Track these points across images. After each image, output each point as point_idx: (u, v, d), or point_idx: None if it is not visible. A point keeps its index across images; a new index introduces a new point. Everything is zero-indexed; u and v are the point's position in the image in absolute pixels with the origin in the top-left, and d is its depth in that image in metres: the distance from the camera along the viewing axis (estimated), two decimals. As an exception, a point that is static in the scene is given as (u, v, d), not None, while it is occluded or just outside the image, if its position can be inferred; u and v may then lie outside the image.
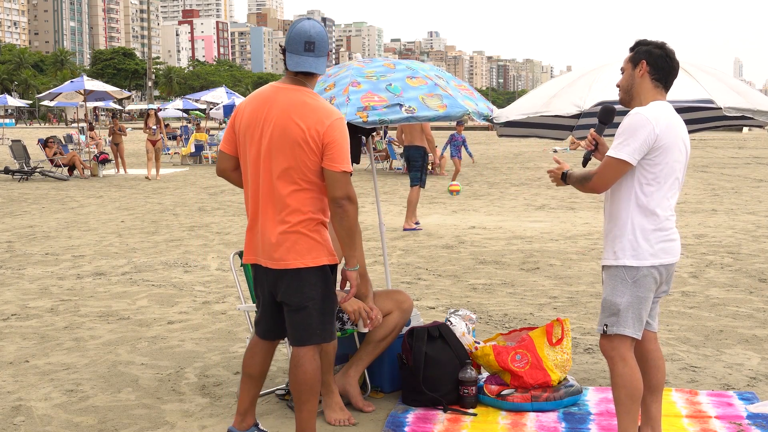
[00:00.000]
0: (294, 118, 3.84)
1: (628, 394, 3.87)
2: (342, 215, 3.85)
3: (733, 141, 43.23)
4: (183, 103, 46.70)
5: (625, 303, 3.87)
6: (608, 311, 3.90)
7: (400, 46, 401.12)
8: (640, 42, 4.01)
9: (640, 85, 3.94)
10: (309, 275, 3.90)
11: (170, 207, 15.49)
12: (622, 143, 3.78)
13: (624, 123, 3.82)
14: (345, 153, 3.84)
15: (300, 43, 3.84)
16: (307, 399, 3.98)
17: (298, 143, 3.83)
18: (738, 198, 16.45)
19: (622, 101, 4.03)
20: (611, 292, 3.90)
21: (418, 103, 4.79)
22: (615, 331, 3.88)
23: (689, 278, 8.53)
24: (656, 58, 3.92)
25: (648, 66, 3.92)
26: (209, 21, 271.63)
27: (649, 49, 3.95)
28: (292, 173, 3.85)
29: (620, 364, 3.88)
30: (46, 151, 23.06)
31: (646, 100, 3.93)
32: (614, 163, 3.81)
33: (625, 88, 3.99)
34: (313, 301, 3.92)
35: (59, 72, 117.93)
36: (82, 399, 5.06)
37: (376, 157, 25.45)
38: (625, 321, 3.87)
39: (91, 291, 8.13)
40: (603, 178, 3.86)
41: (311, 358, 3.96)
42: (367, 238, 10.84)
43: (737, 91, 4.81)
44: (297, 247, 3.88)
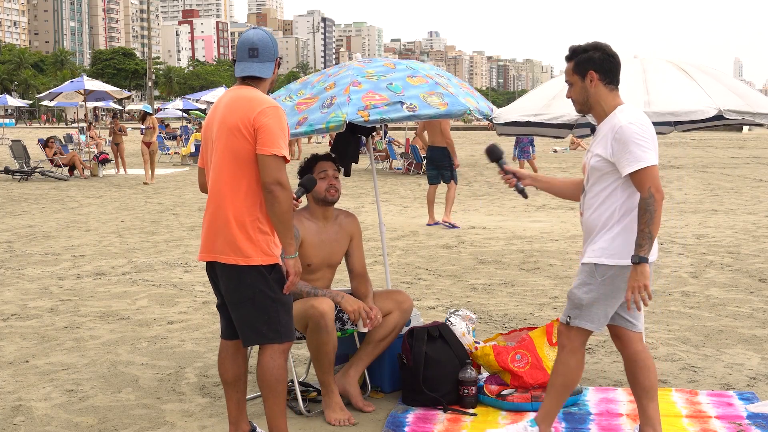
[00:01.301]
0: (231, 111, 3.93)
1: (564, 383, 4.03)
2: (272, 201, 3.83)
3: (733, 141, 43.23)
4: (183, 103, 46.74)
5: (590, 299, 3.91)
6: (572, 304, 3.95)
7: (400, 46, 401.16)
8: (575, 50, 3.98)
9: (597, 95, 3.93)
10: (244, 274, 3.91)
11: (170, 207, 15.49)
12: (645, 150, 3.77)
13: (623, 135, 3.79)
14: (276, 138, 3.83)
15: (245, 50, 4.00)
16: (267, 396, 4.01)
17: (233, 133, 3.89)
18: (738, 198, 16.45)
19: (580, 112, 4.05)
20: (579, 286, 3.93)
21: (419, 101, 4.79)
22: (577, 323, 3.94)
23: (689, 278, 8.53)
24: (601, 63, 3.91)
25: (597, 74, 3.91)
26: (209, 21, 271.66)
27: (590, 56, 3.92)
28: (234, 168, 3.89)
29: (569, 355, 3.99)
30: (46, 151, 23.07)
31: (607, 106, 3.94)
32: (655, 169, 3.79)
33: (581, 101, 3.98)
34: (250, 301, 3.92)
35: (59, 72, 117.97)
36: (82, 399, 5.06)
37: (376, 157, 25.45)
38: (588, 316, 3.93)
39: (91, 291, 8.13)
40: (660, 187, 3.79)
41: (268, 356, 3.97)
42: (367, 238, 10.84)
43: (736, 93, 4.81)
44: (238, 243, 3.89)
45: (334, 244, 4.95)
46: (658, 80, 4.86)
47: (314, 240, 4.85)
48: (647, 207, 3.75)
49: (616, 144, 3.81)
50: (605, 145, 3.87)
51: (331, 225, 4.97)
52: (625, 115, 3.86)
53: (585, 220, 4.01)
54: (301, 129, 4.81)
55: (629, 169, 3.78)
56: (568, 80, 3.99)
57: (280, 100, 5.19)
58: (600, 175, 3.92)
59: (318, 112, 4.83)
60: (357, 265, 5.04)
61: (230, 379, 4.15)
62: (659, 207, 3.77)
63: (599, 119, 3.98)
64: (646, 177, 3.77)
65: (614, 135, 3.82)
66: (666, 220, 13.04)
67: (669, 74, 4.94)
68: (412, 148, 23.06)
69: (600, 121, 3.98)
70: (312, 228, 4.87)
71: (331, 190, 4.88)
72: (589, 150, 4.03)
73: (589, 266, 3.93)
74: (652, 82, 4.84)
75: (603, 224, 3.92)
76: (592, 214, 3.96)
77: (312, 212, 4.93)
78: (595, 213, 3.94)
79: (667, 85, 4.83)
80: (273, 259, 3.93)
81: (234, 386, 4.15)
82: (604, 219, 3.91)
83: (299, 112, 4.92)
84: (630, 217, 3.87)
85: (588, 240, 4.01)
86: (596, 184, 3.94)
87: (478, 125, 62.28)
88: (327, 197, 4.88)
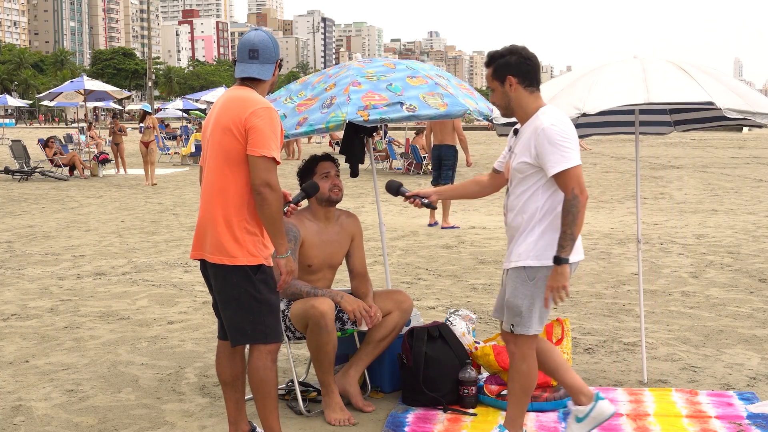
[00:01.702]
0: (224, 111, 3.94)
1: (522, 388, 4.07)
2: (261, 203, 3.83)
3: (733, 141, 43.23)
4: (183, 103, 46.73)
5: (528, 304, 3.95)
6: (514, 312, 3.97)
7: (400, 46, 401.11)
8: (493, 56, 4.03)
9: (517, 98, 3.98)
10: (230, 274, 3.91)
11: (170, 207, 15.49)
12: (568, 150, 3.83)
13: (545, 137, 3.83)
14: (266, 139, 3.82)
15: (245, 51, 4.00)
16: (255, 397, 4.02)
17: (225, 133, 3.90)
18: (738, 198, 16.45)
19: (505, 116, 4.11)
20: (515, 293, 3.96)
21: (419, 101, 4.80)
22: (520, 331, 3.97)
23: (689, 278, 8.53)
24: (518, 67, 3.96)
25: (515, 78, 3.95)
26: (209, 21, 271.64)
27: (505, 60, 3.97)
28: (225, 168, 3.90)
29: (520, 361, 4.02)
30: (47, 151, 23.07)
31: (529, 108, 3.99)
32: (579, 169, 3.85)
33: (504, 106, 4.03)
34: (236, 301, 3.93)
35: (59, 72, 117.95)
36: (82, 399, 5.06)
37: (376, 157, 25.44)
38: (529, 321, 3.96)
39: (91, 291, 8.13)
40: (584, 188, 3.85)
41: (255, 357, 3.98)
42: (367, 238, 10.84)
43: (736, 93, 4.81)
44: (224, 243, 3.89)
45: (335, 244, 4.95)
46: (658, 78, 4.86)
47: (315, 240, 4.85)
48: (570, 208, 3.80)
49: (539, 146, 3.85)
50: (528, 147, 3.91)
51: (333, 225, 4.97)
52: (547, 117, 3.90)
53: (509, 222, 4.06)
54: (302, 129, 4.82)
55: (553, 171, 3.83)
56: (489, 86, 4.06)
57: (281, 101, 5.19)
58: (522, 177, 3.96)
59: (318, 113, 4.83)
60: (357, 265, 5.03)
61: (228, 379, 4.15)
62: (583, 208, 3.82)
63: (522, 122, 4.04)
64: (570, 178, 3.82)
65: (537, 137, 3.86)
66: (666, 220, 13.05)
67: (669, 73, 4.94)
68: (412, 148, 23.05)
69: (523, 124, 4.02)
70: (313, 228, 4.87)
71: (335, 190, 4.88)
72: (512, 150, 4.08)
73: (516, 270, 3.97)
74: (652, 80, 4.84)
75: (525, 226, 3.97)
76: (515, 217, 4.00)
77: (314, 213, 4.92)
78: (519, 215, 3.98)
79: (667, 83, 4.83)
80: (258, 259, 3.92)
81: (232, 386, 4.15)
82: (526, 220, 3.96)
83: (299, 113, 4.92)
84: (552, 216, 3.91)
85: (512, 242, 4.05)
86: (519, 186, 3.98)
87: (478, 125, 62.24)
88: (331, 197, 4.88)
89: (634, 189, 4.36)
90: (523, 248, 3.94)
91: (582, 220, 3.83)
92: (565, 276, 3.82)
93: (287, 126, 4.86)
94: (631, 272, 8.77)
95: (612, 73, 5.01)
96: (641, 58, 5.17)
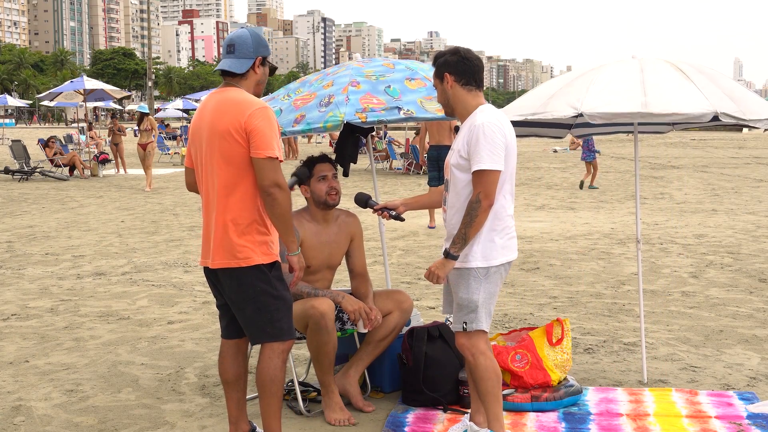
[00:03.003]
0: (220, 116, 3.92)
1: (493, 383, 4.05)
2: (271, 203, 3.85)
3: (733, 141, 43.23)
4: (183, 103, 46.71)
5: (481, 300, 3.99)
6: (466, 309, 4.00)
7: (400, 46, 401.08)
8: (436, 56, 4.12)
9: (455, 96, 4.05)
10: (245, 275, 3.91)
11: (170, 207, 15.49)
12: (491, 153, 3.86)
13: (476, 134, 3.88)
14: (269, 140, 3.84)
15: (224, 47, 4.08)
16: (261, 396, 4.02)
17: (224, 138, 3.89)
18: (738, 198, 16.45)
19: (448, 114, 4.16)
20: (467, 291, 3.99)
21: (416, 106, 4.80)
22: (475, 327, 4.01)
23: (689, 278, 8.53)
24: (455, 65, 4.03)
25: (452, 76, 4.02)
26: (209, 21, 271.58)
27: (445, 59, 4.05)
28: (228, 173, 3.90)
29: (481, 358, 4.04)
30: (47, 151, 23.08)
31: (468, 105, 4.04)
32: (495, 175, 3.88)
33: (444, 103, 4.11)
34: (252, 300, 3.93)
35: (59, 72, 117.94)
36: (82, 399, 5.06)
37: (376, 157, 25.45)
38: (481, 317, 4.01)
39: (91, 291, 8.13)
40: (491, 194, 3.88)
41: (267, 356, 3.98)
42: (367, 238, 10.84)
43: (731, 97, 4.81)
44: (236, 246, 3.90)
45: (334, 245, 4.95)
46: (656, 81, 4.86)
47: (314, 242, 4.85)
48: (471, 209, 3.87)
49: (471, 142, 3.90)
50: (464, 143, 3.95)
51: (332, 226, 4.96)
52: (484, 115, 3.95)
53: (448, 219, 4.07)
54: (299, 127, 4.81)
55: (473, 168, 3.87)
56: (434, 85, 4.14)
57: (279, 99, 5.19)
58: (461, 174, 3.98)
59: (315, 111, 4.83)
60: (357, 266, 5.03)
61: (230, 379, 4.15)
62: (483, 214, 3.87)
63: (462, 119, 4.08)
64: (481, 180, 3.87)
65: (470, 133, 3.92)
66: (666, 220, 13.05)
67: (667, 75, 4.94)
68: (412, 148, 23.06)
69: (463, 121, 4.08)
70: (312, 230, 4.87)
71: (332, 193, 4.86)
72: (452, 148, 4.11)
73: (465, 270, 3.99)
74: (650, 84, 4.84)
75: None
76: (455, 214, 4.02)
77: (312, 214, 4.91)
78: (459, 212, 3.99)
79: (665, 86, 4.84)
80: (273, 257, 3.95)
81: (234, 386, 4.16)
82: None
83: (296, 108, 4.92)
84: (493, 215, 3.94)
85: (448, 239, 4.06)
86: (458, 183, 4.00)
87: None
88: (328, 201, 4.87)
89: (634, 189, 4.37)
90: (469, 249, 3.96)
91: (479, 225, 3.88)
92: (448, 268, 3.93)
93: (284, 122, 4.85)
94: (631, 272, 8.77)
95: (610, 73, 5.02)
96: (640, 59, 5.17)
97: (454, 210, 4.03)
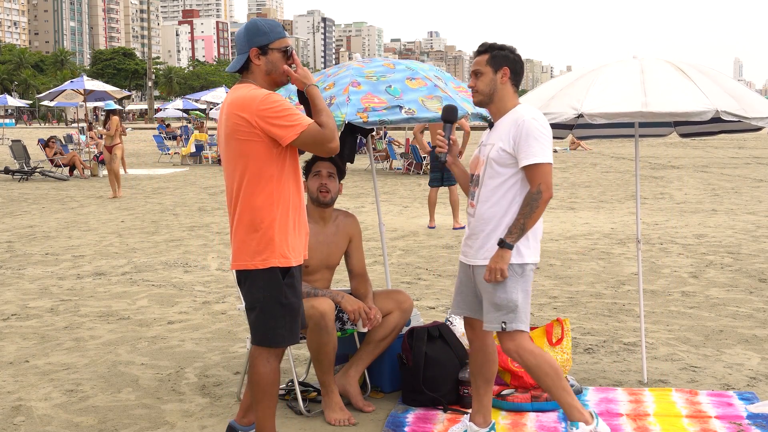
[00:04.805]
0: (228, 117, 3.86)
1: (553, 377, 4.01)
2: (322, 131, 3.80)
3: (733, 141, 43.22)
4: (183, 103, 46.73)
5: (520, 299, 3.99)
6: (505, 309, 3.98)
7: (400, 46, 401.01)
8: (493, 45, 4.08)
9: (503, 90, 4.05)
10: (256, 277, 3.88)
11: (170, 207, 15.50)
12: (543, 146, 3.90)
13: (526, 129, 3.89)
14: (291, 116, 3.75)
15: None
16: (260, 399, 3.98)
17: (236, 138, 3.83)
18: (738, 198, 16.45)
19: (480, 103, 4.11)
20: (504, 290, 3.97)
21: (417, 105, 4.79)
22: (515, 327, 3.99)
23: (689, 278, 8.53)
24: (515, 64, 4.06)
25: (510, 72, 4.04)
26: (209, 21, 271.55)
27: (506, 54, 4.05)
28: (246, 174, 3.84)
29: (531, 357, 4.01)
30: (47, 151, 23.08)
31: (509, 103, 4.05)
32: (550, 168, 3.92)
33: (487, 93, 4.06)
34: (260, 303, 3.90)
35: (59, 72, 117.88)
36: (82, 399, 5.06)
37: (376, 157, 25.45)
38: (521, 316, 4.00)
39: (91, 291, 8.13)
40: (550, 186, 3.92)
41: (264, 359, 3.94)
42: (367, 238, 10.84)
43: (732, 95, 4.81)
44: (245, 248, 3.87)
45: (332, 245, 4.95)
46: (656, 81, 4.87)
47: (312, 241, 4.83)
48: (531, 201, 3.89)
49: (518, 137, 3.91)
50: (507, 137, 3.95)
51: (330, 226, 4.96)
52: (528, 111, 3.98)
53: (479, 213, 4.04)
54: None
55: (525, 162, 3.89)
56: (478, 70, 4.07)
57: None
58: (500, 169, 3.97)
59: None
60: (357, 266, 5.03)
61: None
62: (543, 205, 3.90)
63: (498, 115, 4.08)
64: (539, 173, 3.89)
65: (517, 127, 3.92)
66: (666, 220, 13.05)
67: (667, 75, 4.94)
68: (412, 148, 23.05)
69: (497, 118, 4.08)
70: (309, 229, 4.85)
71: (323, 191, 4.85)
72: (485, 143, 4.10)
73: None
74: (650, 83, 4.84)
75: (501, 219, 3.98)
76: (489, 208, 4.00)
77: (309, 213, 4.90)
78: (494, 207, 3.99)
79: (665, 86, 4.84)
80: (288, 261, 3.89)
81: None
82: (500, 213, 3.98)
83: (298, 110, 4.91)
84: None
85: (480, 235, 4.03)
86: (494, 178, 4.00)
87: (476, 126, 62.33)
88: (319, 198, 4.86)
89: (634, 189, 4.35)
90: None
91: (538, 217, 3.91)
92: (506, 260, 3.91)
93: None
94: (631, 272, 8.77)
95: (610, 74, 5.02)
96: (640, 59, 5.17)
97: (489, 204, 4.00)
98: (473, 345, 4.28)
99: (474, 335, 4.26)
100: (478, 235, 4.06)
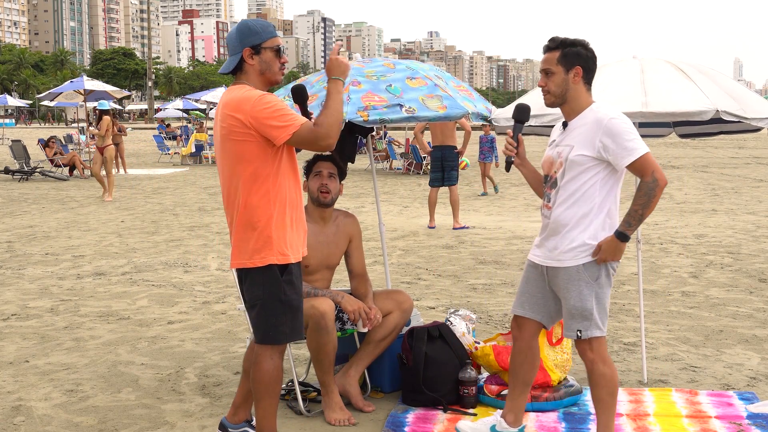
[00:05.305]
0: (222, 118, 3.86)
1: (609, 392, 3.94)
2: (324, 130, 3.80)
3: (733, 141, 43.23)
4: (183, 103, 46.70)
5: (596, 304, 3.89)
6: (582, 316, 3.89)
7: (400, 46, 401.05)
8: (564, 41, 3.91)
9: (576, 90, 3.90)
10: (254, 275, 3.89)
11: (170, 207, 15.50)
12: (636, 139, 3.82)
13: (614, 128, 3.80)
14: (284, 115, 3.75)
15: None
16: (261, 397, 3.98)
17: (230, 139, 3.84)
18: (738, 198, 16.45)
19: (552, 104, 3.97)
20: (580, 297, 3.88)
21: (418, 104, 4.79)
22: (592, 334, 3.90)
23: (689, 278, 8.53)
24: (587, 61, 3.89)
25: (582, 71, 3.88)
26: (209, 21, 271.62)
27: (578, 51, 3.88)
28: (241, 173, 3.85)
29: (600, 365, 3.93)
30: (47, 151, 23.08)
31: (584, 102, 3.92)
32: (652, 156, 3.83)
33: (559, 93, 3.91)
34: (261, 301, 3.91)
35: (59, 72, 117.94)
36: (82, 399, 5.06)
37: (376, 157, 25.45)
38: (600, 321, 3.91)
39: (91, 291, 8.13)
40: (661, 171, 3.82)
41: (268, 357, 3.95)
42: (367, 238, 10.84)
43: (732, 96, 4.81)
44: (244, 246, 3.88)
45: (332, 245, 4.94)
46: (656, 81, 4.87)
47: (311, 242, 4.83)
48: (648, 190, 3.78)
49: (606, 139, 3.80)
50: (590, 140, 3.83)
51: (329, 226, 4.96)
52: (607, 111, 3.87)
53: (555, 216, 3.94)
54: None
55: (628, 160, 3.79)
56: (549, 69, 3.90)
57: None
58: (580, 171, 3.87)
59: (317, 111, 4.82)
60: (356, 266, 5.03)
61: (247, 368, 4.18)
62: (659, 192, 3.80)
63: (571, 115, 3.94)
64: (647, 163, 3.80)
65: (603, 130, 3.81)
66: (666, 220, 13.05)
67: (667, 75, 4.94)
68: (412, 148, 23.05)
69: (571, 117, 3.94)
70: (309, 229, 4.84)
71: (323, 191, 4.84)
72: (558, 144, 3.98)
73: (575, 271, 3.88)
74: (650, 83, 4.84)
75: (579, 221, 3.88)
76: (566, 210, 3.90)
77: (309, 213, 4.91)
78: (571, 209, 3.89)
79: (665, 86, 4.84)
80: (287, 258, 3.90)
81: (248, 376, 4.16)
82: (580, 215, 3.88)
83: (297, 110, 4.91)
84: (604, 214, 3.87)
85: (556, 236, 3.94)
86: (574, 180, 3.89)
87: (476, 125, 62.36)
88: (319, 198, 4.86)
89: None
90: (577, 244, 3.87)
91: (655, 205, 3.82)
92: (621, 251, 3.83)
93: None
94: (631, 272, 8.76)
95: (610, 74, 5.02)
96: (640, 59, 5.18)
97: (566, 206, 3.90)
98: (516, 345, 4.18)
99: (520, 335, 4.16)
100: (554, 237, 3.96)
